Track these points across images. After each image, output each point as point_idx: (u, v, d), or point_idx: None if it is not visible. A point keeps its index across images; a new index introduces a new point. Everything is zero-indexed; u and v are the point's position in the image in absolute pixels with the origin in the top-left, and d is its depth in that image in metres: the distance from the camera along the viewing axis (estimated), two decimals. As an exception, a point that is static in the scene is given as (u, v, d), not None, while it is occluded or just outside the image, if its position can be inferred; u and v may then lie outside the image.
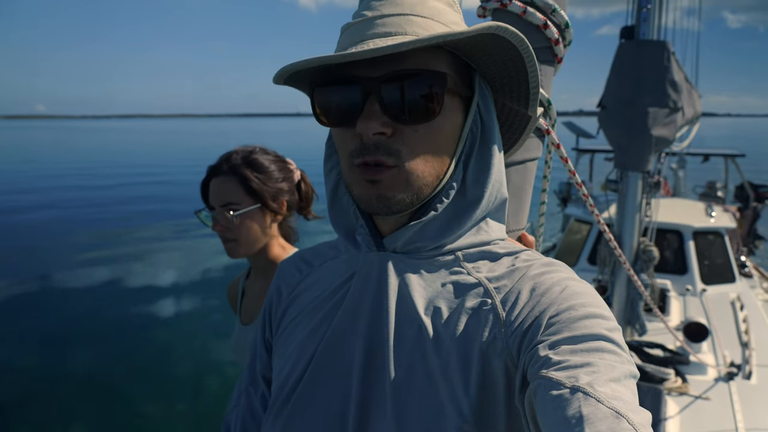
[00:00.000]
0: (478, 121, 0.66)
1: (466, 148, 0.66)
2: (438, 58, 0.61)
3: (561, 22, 0.87)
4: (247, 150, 1.38)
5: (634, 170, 3.56)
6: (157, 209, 15.89)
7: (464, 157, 0.66)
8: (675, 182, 8.55)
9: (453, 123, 0.64)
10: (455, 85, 0.63)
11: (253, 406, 0.81)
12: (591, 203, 1.06)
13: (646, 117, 3.35)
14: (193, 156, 36.55)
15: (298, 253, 0.83)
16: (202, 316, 7.58)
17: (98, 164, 32.61)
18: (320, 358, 0.67)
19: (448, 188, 0.65)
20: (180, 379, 5.85)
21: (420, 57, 0.60)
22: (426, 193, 0.64)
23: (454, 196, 0.65)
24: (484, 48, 0.63)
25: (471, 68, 0.67)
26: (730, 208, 6.43)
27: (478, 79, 0.67)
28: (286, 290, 0.80)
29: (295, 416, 0.67)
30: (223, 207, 1.32)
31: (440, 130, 0.62)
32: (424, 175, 0.62)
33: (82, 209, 15.99)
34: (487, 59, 0.65)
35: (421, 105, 0.59)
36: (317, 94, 0.64)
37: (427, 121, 0.60)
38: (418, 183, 0.62)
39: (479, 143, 0.66)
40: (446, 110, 0.62)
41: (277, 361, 0.75)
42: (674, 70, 3.43)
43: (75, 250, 11.27)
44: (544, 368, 0.52)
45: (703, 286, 4.76)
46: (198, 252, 10.72)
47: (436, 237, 0.66)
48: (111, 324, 7.36)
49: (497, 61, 0.65)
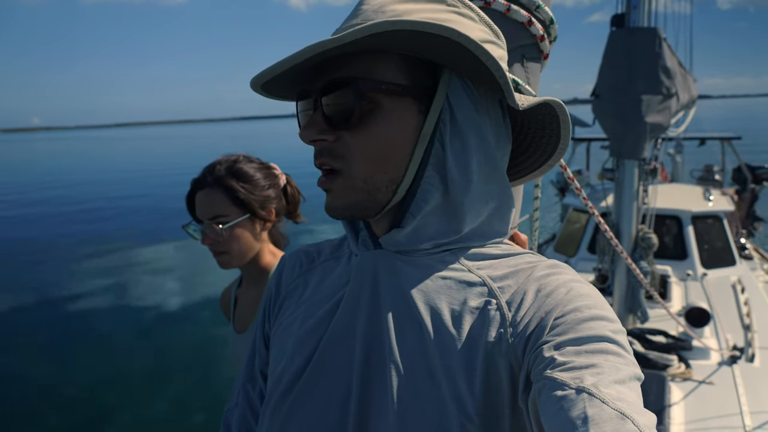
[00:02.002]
0: (447, 120, 0.63)
1: (436, 149, 0.64)
2: (378, 63, 0.61)
3: (545, 18, 0.87)
4: (230, 159, 1.35)
5: (630, 158, 3.56)
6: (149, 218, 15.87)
7: (435, 159, 0.64)
8: (673, 167, 8.55)
9: (401, 125, 0.63)
10: (395, 88, 0.61)
11: (252, 402, 0.81)
12: (584, 196, 1.06)
13: (640, 104, 3.35)
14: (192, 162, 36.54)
15: (300, 248, 0.83)
16: (198, 323, 7.59)
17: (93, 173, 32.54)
18: (320, 356, 0.67)
19: (424, 192, 0.64)
20: (177, 387, 5.85)
21: (357, 64, 0.61)
22: (382, 198, 0.64)
23: (439, 200, 0.64)
24: (428, 45, 0.60)
25: (439, 66, 0.64)
26: (728, 191, 6.43)
27: (448, 76, 0.64)
28: (284, 283, 0.80)
29: (294, 413, 0.67)
30: (212, 220, 1.30)
31: (379, 133, 0.62)
32: (372, 180, 0.63)
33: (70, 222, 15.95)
34: (444, 56, 0.62)
35: (353, 110, 0.61)
36: (298, 106, 0.68)
37: (355, 126, 0.62)
38: (366, 187, 0.63)
39: (450, 143, 0.64)
40: (385, 112, 0.62)
41: (274, 355, 0.75)
42: (666, 56, 3.42)
43: (72, 261, 11.29)
44: (549, 369, 0.52)
45: (703, 270, 4.77)
46: (192, 259, 10.73)
47: (429, 239, 0.65)
48: (105, 331, 7.38)
49: (455, 56, 0.61)
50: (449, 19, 0.61)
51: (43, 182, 27.80)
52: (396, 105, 0.62)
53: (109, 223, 15.48)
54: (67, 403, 5.52)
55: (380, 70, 0.62)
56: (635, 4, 3.48)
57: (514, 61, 0.86)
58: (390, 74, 0.62)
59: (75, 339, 7.24)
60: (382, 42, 0.58)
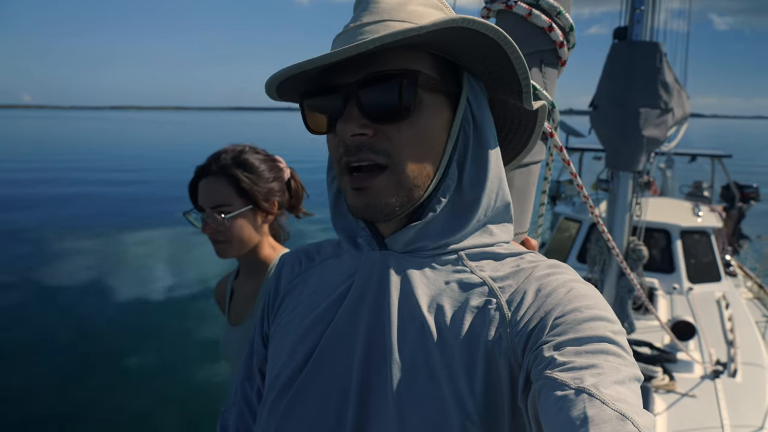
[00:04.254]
0: (470, 119, 0.66)
1: (460, 146, 0.66)
2: (415, 59, 0.63)
3: (566, 24, 0.88)
4: (236, 149, 1.34)
5: (626, 170, 3.59)
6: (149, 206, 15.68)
7: (458, 156, 0.66)
8: (663, 182, 8.64)
9: (438, 120, 0.64)
10: (435, 83, 0.63)
11: (249, 400, 0.81)
12: (591, 204, 1.07)
13: (638, 117, 3.37)
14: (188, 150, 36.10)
15: (301, 248, 0.84)
16: (192, 316, 7.51)
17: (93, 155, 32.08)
18: (320, 353, 0.67)
19: (445, 188, 0.65)
20: (169, 380, 5.79)
21: (397, 59, 0.62)
22: (417, 196, 0.64)
23: (452, 197, 0.65)
24: (461, 44, 0.62)
25: (459, 67, 0.67)
26: (716, 207, 6.51)
27: (467, 77, 0.67)
28: (284, 282, 0.80)
29: (293, 411, 0.67)
30: (214, 209, 1.28)
31: (424, 127, 0.63)
32: (415, 176, 0.63)
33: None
34: (468, 55, 0.65)
35: (397, 103, 0.61)
36: (305, 105, 0.67)
37: (404, 119, 0.62)
38: (408, 184, 0.63)
39: (473, 141, 0.66)
40: (426, 107, 0.63)
41: (272, 353, 0.75)
42: (666, 71, 3.46)
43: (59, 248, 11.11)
44: (549, 369, 0.52)
45: (689, 284, 4.82)
46: (187, 251, 10.63)
47: (436, 237, 0.66)
48: (94, 326, 7.28)
49: (478, 56, 0.64)
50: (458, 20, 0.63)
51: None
52: (434, 100, 0.64)
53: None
54: (47, 400, 5.44)
55: (419, 65, 0.63)
56: (638, 18, 3.51)
57: (532, 66, 0.86)
58: (427, 69, 0.63)
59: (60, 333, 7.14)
60: (414, 40, 0.59)
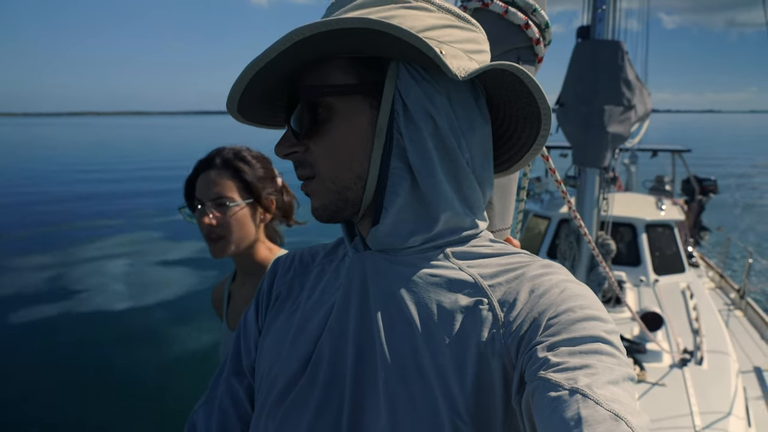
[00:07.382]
0: (400, 110, 0.63)
1: (396, 138, 0.63)
2: (328, 69, 0.63)
3: (541, 21, 0.88)
4: (235, 148, 1.37)
5: (592, 166, 3.67)
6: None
7: (397, 149, 0.63)
8: (627, 177, 8.89)
9: (355, 124, 0.63)
10: (347, 89, 0.63)
11: (236, 395, 0.79)
12: (569, 199, 1.07)
13: (603, 114, 3.46)
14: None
15: (294, 252, 0.84)
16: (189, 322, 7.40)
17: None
18: (316, 360, 0.67)
19: (393, 184, 0.64)
20: (167, 385, 5.74)
21: (311, 74, 0.64)
22: (353, 196, 0.65)
23: (409, 190, 0.64)
24: (368, 41, 0.60)
25: (387, 60, 0.64)
26: (678, 201, 6.73)
27: (393, 69, 0.63)
28: (277, 283, 0.80)
29: (289, 418, 0.67)
30: (214, 201, 1.28)
31: (338, 135, 0.63)
32: (340, 179, 0.65)
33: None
34: (389, 49, 0.61)
35: (309, 120, 0.64)
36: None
37: (316, 133, 0.64)
38: (335, 188, 0.65)
39: (407, 132, 0.63)
40: (337, 114, 0.63)
41: (265, 356, 0.74)
42: (627, 69, 3.55)
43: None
44: (543, 369, 0.52)
45: (655, 276, 4.97)
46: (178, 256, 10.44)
47: (407, 234, 0.65)
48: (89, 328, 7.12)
49: (399, 48, 0.60)
50: (394, 15, 0.61)
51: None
52: (347, 105, 0.64)
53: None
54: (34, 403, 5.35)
55: (326, 76, 0.64)
56: (600, 17, 3.60)
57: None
58: (335, 77, 0.63)
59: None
60: (326, 50, 0.60)
